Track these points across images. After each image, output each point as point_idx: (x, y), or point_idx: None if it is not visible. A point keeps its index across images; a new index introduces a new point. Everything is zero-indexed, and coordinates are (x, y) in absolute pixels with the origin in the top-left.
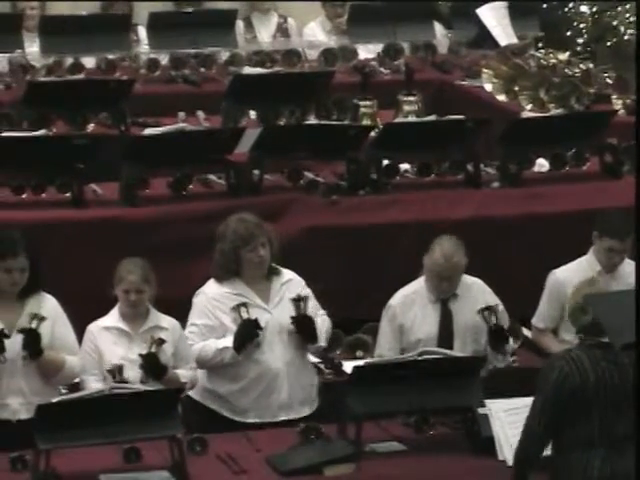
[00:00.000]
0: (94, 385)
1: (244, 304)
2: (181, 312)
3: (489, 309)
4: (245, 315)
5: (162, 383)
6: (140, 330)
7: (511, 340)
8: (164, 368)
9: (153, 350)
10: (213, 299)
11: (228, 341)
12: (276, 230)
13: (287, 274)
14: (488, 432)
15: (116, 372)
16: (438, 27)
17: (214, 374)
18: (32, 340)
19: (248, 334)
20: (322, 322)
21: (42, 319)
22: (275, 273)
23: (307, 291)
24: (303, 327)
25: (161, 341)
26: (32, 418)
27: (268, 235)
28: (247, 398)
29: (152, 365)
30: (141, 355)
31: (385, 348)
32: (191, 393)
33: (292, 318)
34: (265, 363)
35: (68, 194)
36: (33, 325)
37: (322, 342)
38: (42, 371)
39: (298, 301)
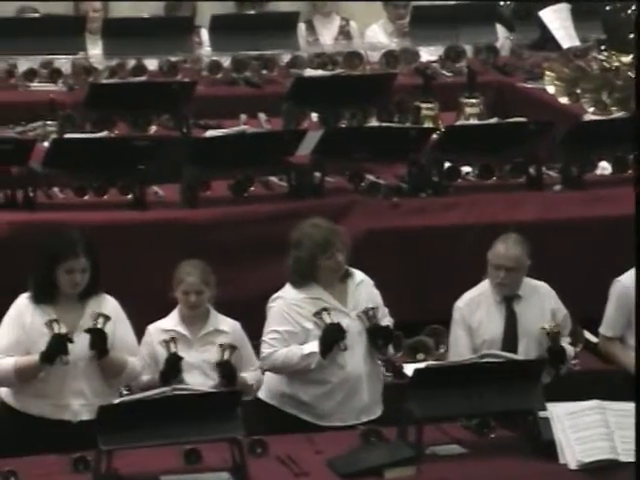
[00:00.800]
0: (144, 379)
1: (325, 309)
2: (241, 314)
3: (552, 334)
4: (328, 320)
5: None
6: (199, 334)
7: (571, 349)
8: (236, 375)
9: (226, 358)
10: (294, 305)
11: (313, 346)
12: (347, 232)
13: (358, 275)
14: (549, 436)
15: (170, 344)
16: (500, 29)
17: (295, 379)
18: (99, 339)
19: (334, 338)
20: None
21: (107, 318)
22: (349, 275)
23: (375, 292)
24: (377, 337)
25: (232, 348)
26: (94, 419)
27: (342, 239)
28: (331, 402)
29: (228, 372)
30: (218, 364)
31: (465, 349)
32: (266, 398)
33: (367, 330)
34: (348, 366)
35: (130, 196)
36: (99, 324)
37: (392, 350)
38: (106, 371)
39: (367, 313)
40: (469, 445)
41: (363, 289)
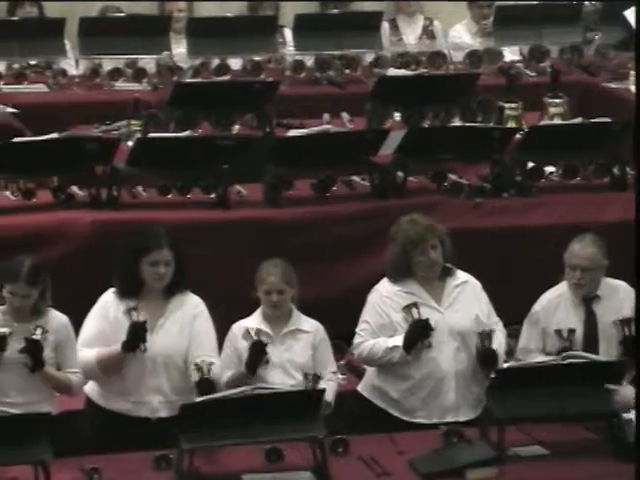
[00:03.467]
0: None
1: (415, 304)
2: (324, 313)
3: (625, 321)
4: (416, 315)
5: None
6: (281, 332)
7: None
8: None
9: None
10: (386, 297)
11: (398, 340)
12: (448, 230)
13: (462, 276)
14: (633, 437)
15: (252, 332)
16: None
17: (384, 373)
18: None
19: (419, 334)
20: (497, 342)
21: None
22: (449, 274)
23: (482, 295)
24: (486, 361)
25: (317, 377)
26: (175, 417)
27: (440, 236)
28: (415, 398)
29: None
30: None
31: (523, 352)
32: (361, 390)
33: (477, 351)
34: (433, 364)
35: (213, 195)
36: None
37: (501, 364)
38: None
39: (482, 334)
40: (551, 446)
41: (465, 290)
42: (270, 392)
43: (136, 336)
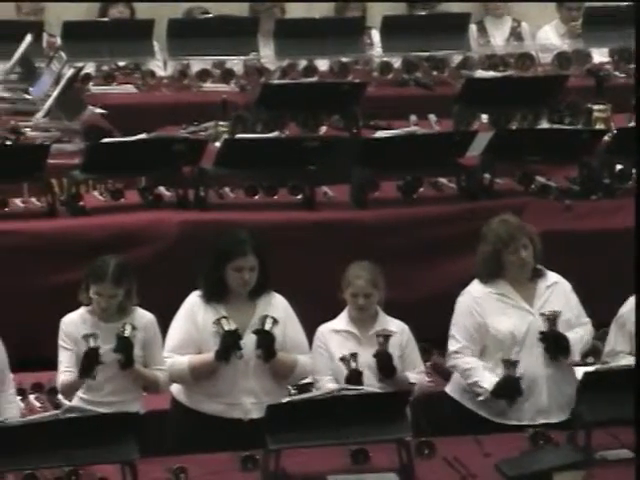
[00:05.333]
0: (326, 386)
1: (517, 361)
2: (411, 315)
3: None
4: (512, 372)
5: (393, 383)
6: (368, 334)
7: None
8: (395, 367)
9: (384, 348)
10: (478, 298)
11: (489, 383)
12: (537, 231)
13: (552, 276)
14: None
15: (350, 360)
16: None
17: None
18: (267, 342)
19: (508, 394)
20: (577, 335)
21: (275, 321)
22: (540, 275)
23: (572, 296)
24: (551, 344)
25: (386, 338)
26: (263, 418)
27: (530, 236)
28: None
29: (385, 362)
30: (375, 355)
31: (610, 355)
32: (450, 392)
33: (541, 333)
34: (524, 366)
35: (299, 196)
36: (267, 327)
37: (576, 357)
38: (275, 372)
39: (549, 316)
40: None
41: (556, 291)
42: (357, 393)
43: (229, 345)
